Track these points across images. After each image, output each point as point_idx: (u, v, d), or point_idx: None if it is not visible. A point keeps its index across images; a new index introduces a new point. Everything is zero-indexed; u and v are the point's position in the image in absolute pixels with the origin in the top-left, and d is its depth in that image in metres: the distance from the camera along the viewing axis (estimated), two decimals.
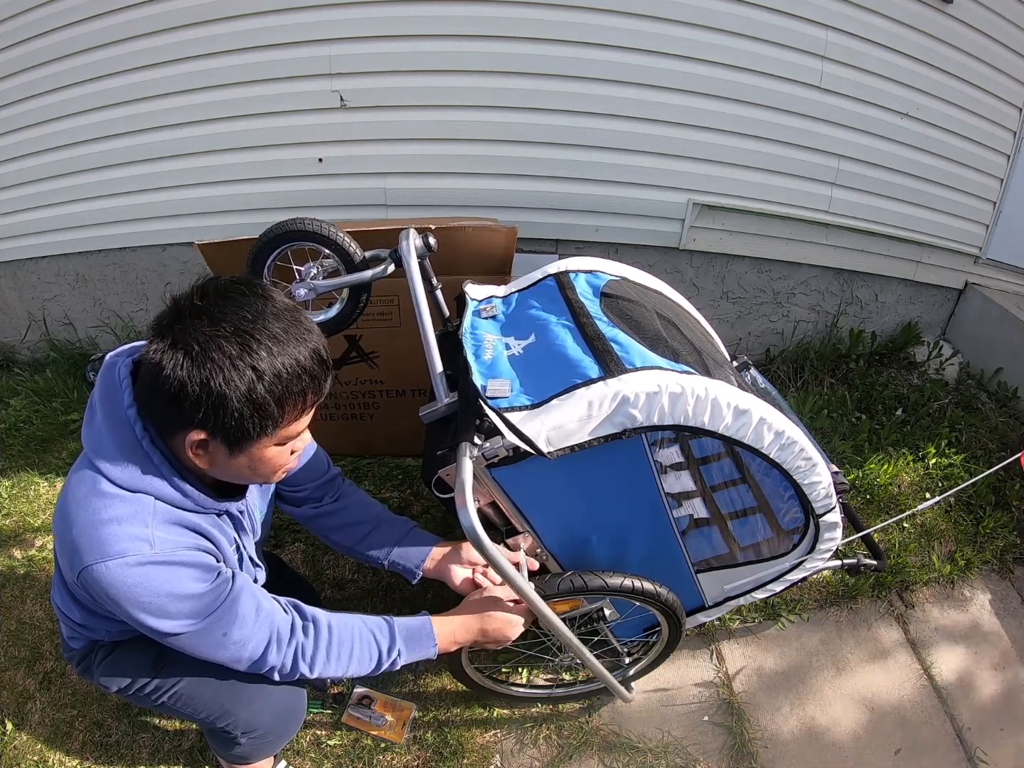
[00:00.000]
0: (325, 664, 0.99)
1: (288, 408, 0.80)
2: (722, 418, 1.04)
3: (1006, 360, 2.69)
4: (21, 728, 1.50)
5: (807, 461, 1.13)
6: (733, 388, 1.06)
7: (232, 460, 0.83)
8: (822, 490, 1.19)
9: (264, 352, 0.76)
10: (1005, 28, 2.35)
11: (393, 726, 1.50)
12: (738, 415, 1.05)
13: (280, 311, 0.80)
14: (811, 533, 1.29)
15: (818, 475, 1.16)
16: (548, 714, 1.55)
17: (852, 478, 2.19)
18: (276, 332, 0.77)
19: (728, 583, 1.38)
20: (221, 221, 2.36)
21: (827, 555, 1.32)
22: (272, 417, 0.79)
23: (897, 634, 1.80)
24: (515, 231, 1.73)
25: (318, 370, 0.82)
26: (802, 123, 2.28)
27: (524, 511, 1.17)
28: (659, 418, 1.02)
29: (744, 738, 1.54)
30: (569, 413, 1.00)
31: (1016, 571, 2.00)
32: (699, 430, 1.05)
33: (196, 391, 0.74)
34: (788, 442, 1.09)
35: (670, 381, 1.01)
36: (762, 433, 1.07)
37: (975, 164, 2.58)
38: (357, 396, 2.03)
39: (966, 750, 1.55)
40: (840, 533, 1.28)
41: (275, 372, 0.77)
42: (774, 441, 1.09)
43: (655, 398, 1.00)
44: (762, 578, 1.38)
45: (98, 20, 2.09)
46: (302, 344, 0.80)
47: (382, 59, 2.06)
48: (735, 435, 1.07)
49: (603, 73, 2.10)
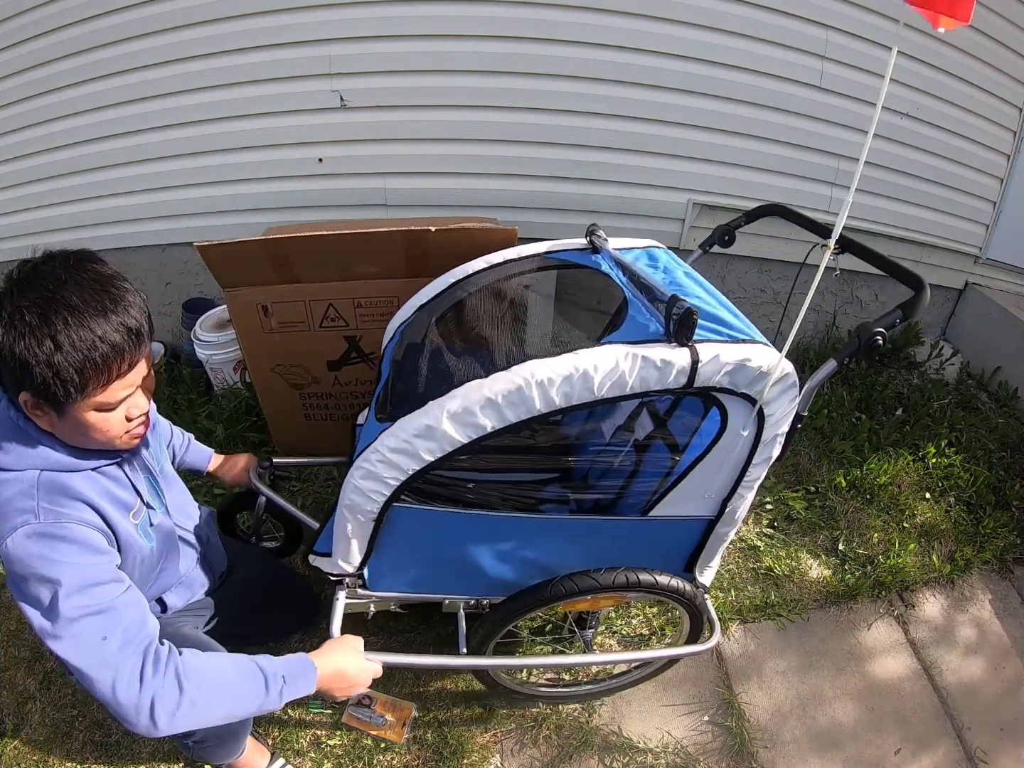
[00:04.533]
0: (197, 689, 0.85)
1: (90, 377, 0.81)
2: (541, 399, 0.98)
3: (1006, 360, 2.69)
4: (21, 728, 1.50)
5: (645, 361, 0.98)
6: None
7: (62, 423, 0.87)
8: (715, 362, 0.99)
9: (60, 323, 0.78)
10: (1005, 28, 2.35)
11: (393, 726, 1.50)
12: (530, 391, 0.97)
13: (85, 281, 0.82)
14: (737, 405, 1.05)
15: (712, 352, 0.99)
16: (548, 714, 1.55)
17: (852, 478, 2.19)
18: (74, 303, 0.79)
19: (688, 495, 1.19)
20: (221, 221, 2.36)
21: (786, 404, 1.06)
22: (74, 384, 0.81)
23: (897, 634, 1.80)
24: (515, 231, 1.73)
25: (121, 340, 0.82)
26: (802, 123, 2.28)
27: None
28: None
29: (744, 738, 1.54)
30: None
31: (1016, 571, 2.00)
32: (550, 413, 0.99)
33: (8, 356, 0.79)
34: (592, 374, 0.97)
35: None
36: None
37: (975, 164, 2.59)
38: (357, 396, 2.03)
39: (966, 750, 1.56)
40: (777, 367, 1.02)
41: (71, 342, 0.79)
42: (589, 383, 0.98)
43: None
44: (727, 462, 1.13)
45: (98, 20, 2.09)
46: (103, 315, 0.81)
47: (382, 59, 2.06)
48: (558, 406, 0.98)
49: (604, 73, 2.10)
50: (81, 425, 0.87)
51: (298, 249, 1.68)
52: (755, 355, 1.00)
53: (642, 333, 1.02)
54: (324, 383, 1.98)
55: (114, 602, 0.86)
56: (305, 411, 2.06)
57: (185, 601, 1.22)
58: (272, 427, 2.13)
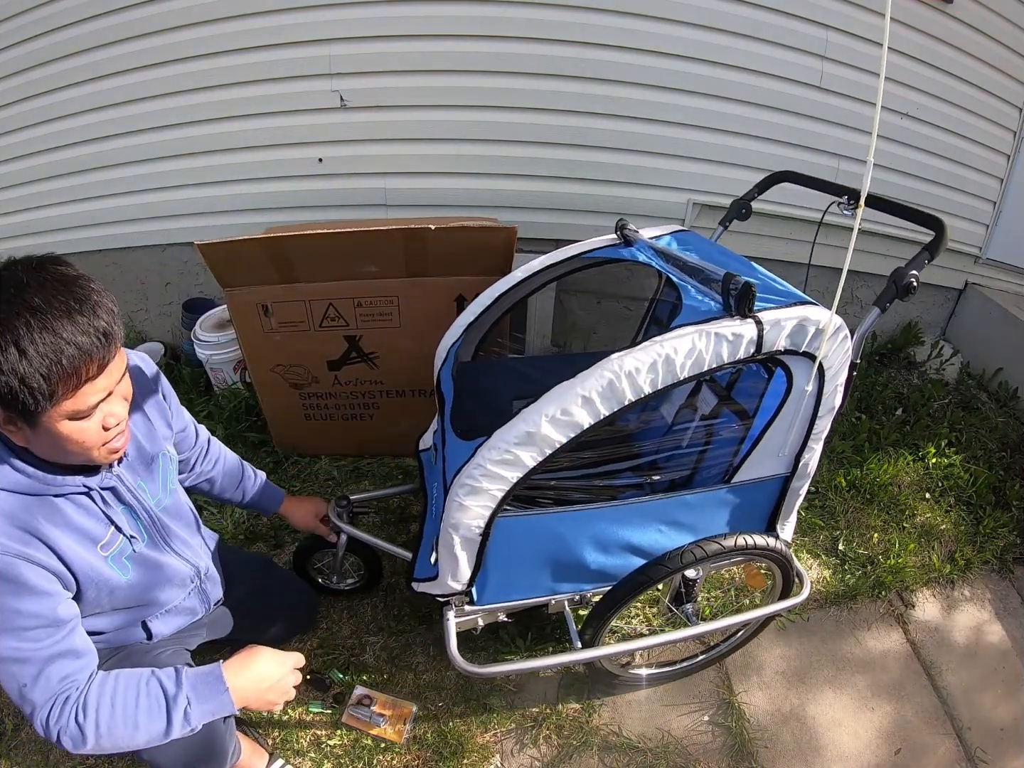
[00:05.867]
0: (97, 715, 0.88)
1: (58, 382, 0.77)
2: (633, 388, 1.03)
3: (1006, 360, 2.69)
4: (21, 728, 1.50)
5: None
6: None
7: (36, 436, 0.82)
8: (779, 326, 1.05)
9: (23, 327, 0.73)
10: (1005, 28, 2.35)
11: (393, 726, 1.50)
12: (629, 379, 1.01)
13: (48, 282, 0.77)
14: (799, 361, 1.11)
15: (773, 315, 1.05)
16: (548, 714, 1.55)
17: (852, 478, 2.19)
18: (36, 304, 0.75)
19: (766, 456, 1.24)
20: (221, 221, 2.36)
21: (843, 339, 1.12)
22: (42, 391, 0.76)
23: (897, 634, 1.80)
24: (515, 231, 1.73)
25: (88, 342, 0.77)
26: (802, 123, 2.28)
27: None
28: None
29: (744, 738, 1.54)
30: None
31: (1016, 571, 2.00)
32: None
33: None
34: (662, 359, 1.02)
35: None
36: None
37: (975, 164, 2.59)
38: (357, 396, 2.03)
39: (966, 750, 1.55)
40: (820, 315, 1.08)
41: (35, 347, 0.74)
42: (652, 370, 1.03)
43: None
44: (796, 418, 1.18)
45: (98, 20, 2.09)
46: (67, 316, 0.76)
47: (382, 59, 2.06)
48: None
49: (603, 73, 2.10)
50: (56, 437, 0.82)
51: (298, 248, 1.68)
52: (810, 314, 1.07)
53: (703, 313, 1.07)
54: (324, 383, 1.98)
55: (37, 654, 0.85)
56: (305, 411, 2.06)
57: (173, 629, 1.18)
58: (272, 427, 2.13)
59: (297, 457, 2.18)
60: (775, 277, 1.23)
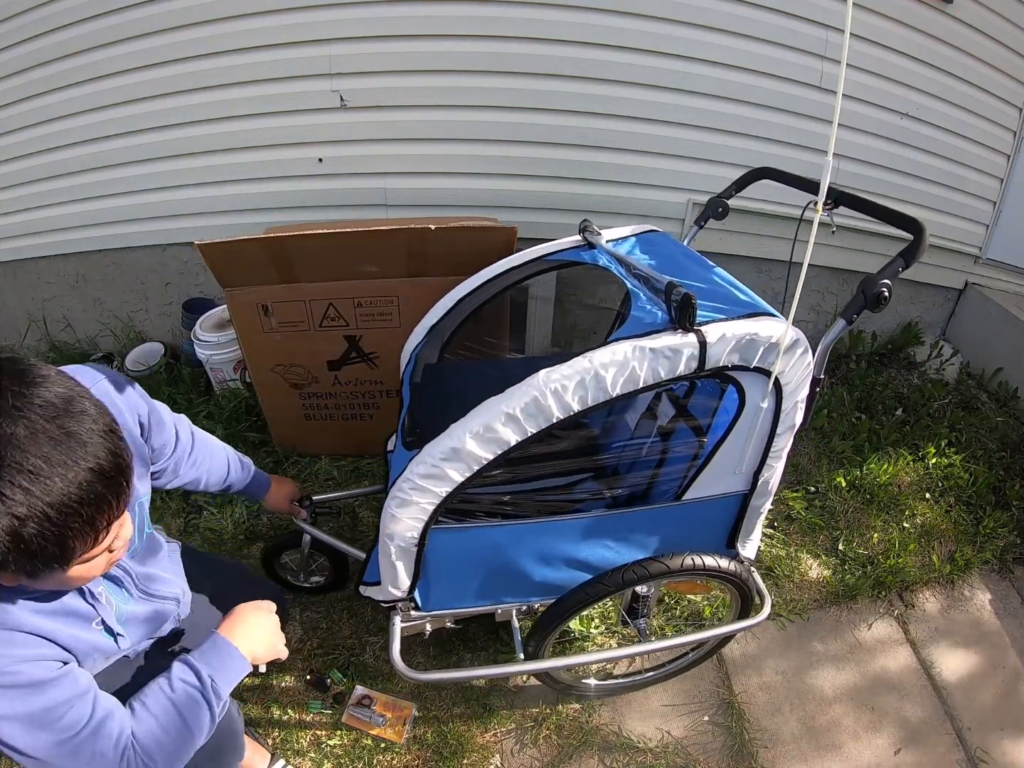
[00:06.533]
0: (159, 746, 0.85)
1: (75, 542, 0.66)
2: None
3: (1006, 360, 2.69)
4: None
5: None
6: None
7: (35, 582, 0.71)
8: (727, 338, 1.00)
9: (20, 495, 0.60)
10: (1005, 28, 2.35)
11: (393, 726, 1.50)
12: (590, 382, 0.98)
13: (39, 428, 0.62)
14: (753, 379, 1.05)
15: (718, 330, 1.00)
16: (548, 714, 1.55)
17: (852, 478, 2.19)
18: (33, 465, 0.61)
19: (719, 474, 1.20)
20: (221, 221, 2.36)
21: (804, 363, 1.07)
22: (55, 557, 0.66)
23: (897, 634, 1.80)
24: (515, 231, 1.73)
25: (104, 489, 0.66)
26: (802, 123, 2.28)
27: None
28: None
29: (744, 738, 1.54)
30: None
31: (1016, 571, 2.00)
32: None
33: None
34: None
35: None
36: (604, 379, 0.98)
37: (975, 164, 2.58)
38: (357, 396, 2.03)
39: (966, 750, 1.55)
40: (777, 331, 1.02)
41: (41, 514, 0.62)
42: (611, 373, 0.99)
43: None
44: (752, 436, 1.14)
45: (98, 20, 2.09)
46: (73, 468, 0.63)
47: (382, 59, 2.06)
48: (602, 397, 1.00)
49: (603, 73, 2.10)
50: (61, 582, 0.74)
51: (298, 248, 1.68)
52: (762, 328, 1.00)
53: (648, 324, 1.02)
54: (324, 383, 1.98)
55: (82, 737, 0.79)
56: (305, 411, 2.06)
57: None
58: (272, 427, 2.13)
59: (297, 457, 2.18)
60: (740, 285, 1.17)
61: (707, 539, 1.30)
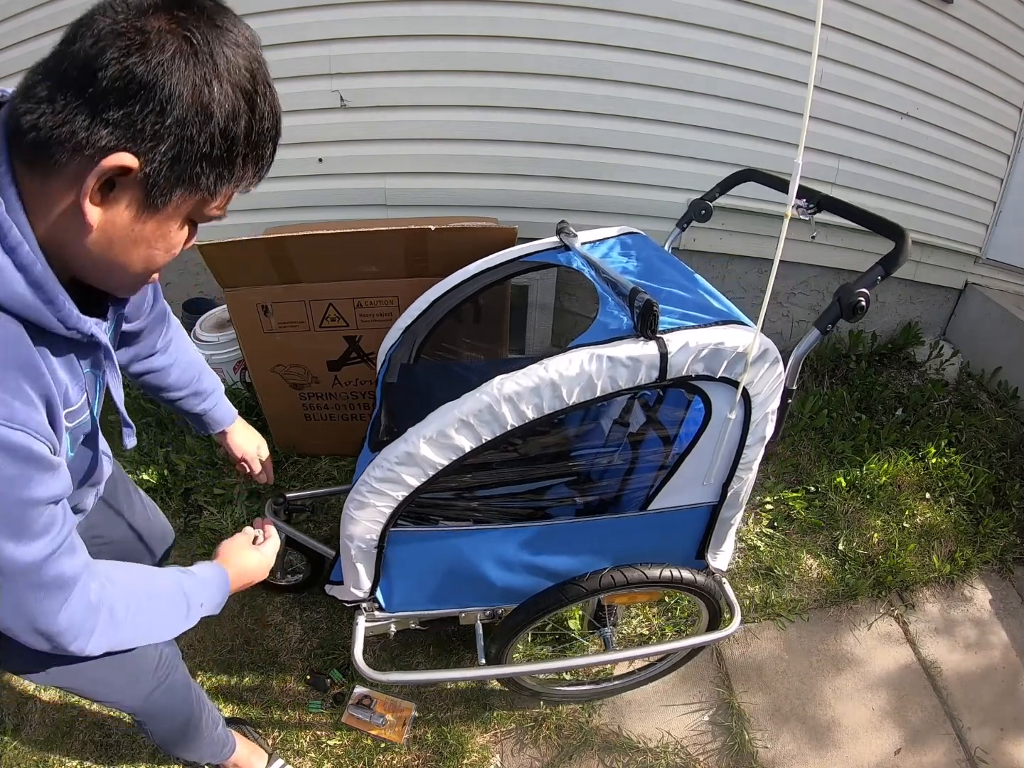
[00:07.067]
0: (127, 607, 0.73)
1: (245, 165, 0.65)
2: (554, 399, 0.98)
3: (1006, 360, 2.69)
4: (21, 728, 1.50)
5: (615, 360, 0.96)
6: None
7: (133, 226, 0.60)
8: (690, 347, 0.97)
9: (265, 89, 0.63)
10: (1005, 28, 2.35)
11: (393, 726, 1.50)
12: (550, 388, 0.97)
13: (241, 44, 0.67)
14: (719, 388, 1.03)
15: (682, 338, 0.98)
16: (548, 714, 1.55)
17: (852, 478, 2.19)
18: (269, 76, 0.67)
19: (686, 484, 1.17)
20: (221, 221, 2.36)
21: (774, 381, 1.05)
22: (228, 164, 0.62)
23: (897, 634, 1.80)
24: (515, 231, 1.73)
25: (272, 154, 0.69)
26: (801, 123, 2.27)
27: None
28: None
29: (744, 738, 1.54)
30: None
31: (1016, 571, 2.00)
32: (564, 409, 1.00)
33: (168, 93, 0.53)
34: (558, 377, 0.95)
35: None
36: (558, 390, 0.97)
37: (975, 164, 2.58)
38: (357, 396, 2.03)
39: (966, 750, 1.55)
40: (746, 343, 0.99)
41: (266, 111, 0.63)
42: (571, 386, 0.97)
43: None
44: (720, 447, 1.12)
45: None
46: (278, 109, 0.67)
47: (382, 59, 2.06)
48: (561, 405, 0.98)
49: (603, 73, 2.10)
50: (152, 237, 0.63)
51: (298, 248, 1.68)
52: (728, 337, 0.98)
53: (612, 330, 1.00)
54: (324, 383, 1.98)
55: (58, 553, 0.64)
56: (305, 411, 2.06)
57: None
58: (272, 427, 2.13)
59: (297, 457, 2.18)
60: (714, 292, 1.15)
61: (675, 550, 1.28)
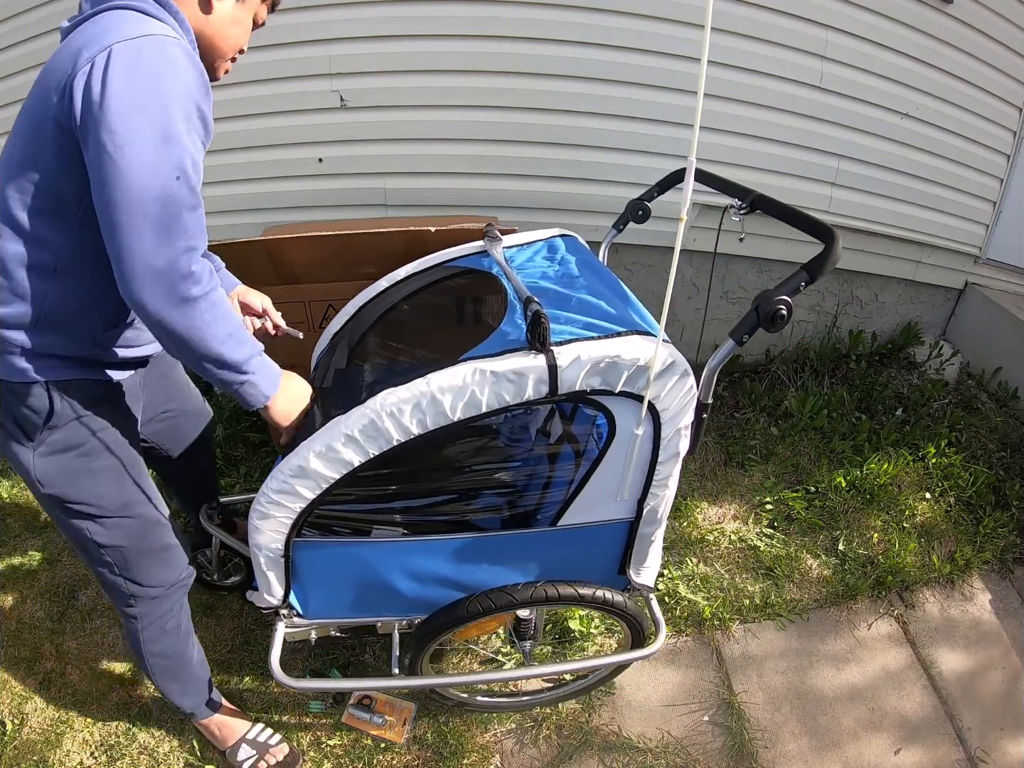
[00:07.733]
0: (214, 309, 0.91)
1: None
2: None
3: (1006, 360, 2.69)
4: (21, 728, 1.50)
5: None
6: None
7: (234, 12, 0.95)
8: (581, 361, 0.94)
9: None
10: (1005, 28, 2.35)
11: (393, 726, 1.50)
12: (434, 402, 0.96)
13: None
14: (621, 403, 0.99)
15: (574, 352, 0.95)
16: (548, 714, 1.55)
17: (852, 478, 2.19)
18: None
19: (596, 500, 1.14)
20: (221, 221, 2.36)
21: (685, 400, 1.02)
22: None
23: (897, 634, 1.80)
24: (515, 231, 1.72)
25: None
26: (802, 123, 2.27)
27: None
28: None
29: (744, 738, 1.54)
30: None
31: (1016, 571, 2.00)
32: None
33: None
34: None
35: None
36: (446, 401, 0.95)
37: (975, 164, 2.58)
38: None
39: (966, 750, 1.56)
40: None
41: None
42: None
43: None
44: (630, 464, 1.08)
45: None
46: None
47: (382, 59, 2.05)
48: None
49: (603, 73, 2.10)
50: (234, 23, 0.95)
51: (298, 250, 1.68)
52: (626, 349, 0.93)
53: (510, 341, 0.96)
54: None
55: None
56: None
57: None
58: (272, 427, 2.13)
59: None
60: (630, 299, 1.10)
61: (594, 566, 1.24)
